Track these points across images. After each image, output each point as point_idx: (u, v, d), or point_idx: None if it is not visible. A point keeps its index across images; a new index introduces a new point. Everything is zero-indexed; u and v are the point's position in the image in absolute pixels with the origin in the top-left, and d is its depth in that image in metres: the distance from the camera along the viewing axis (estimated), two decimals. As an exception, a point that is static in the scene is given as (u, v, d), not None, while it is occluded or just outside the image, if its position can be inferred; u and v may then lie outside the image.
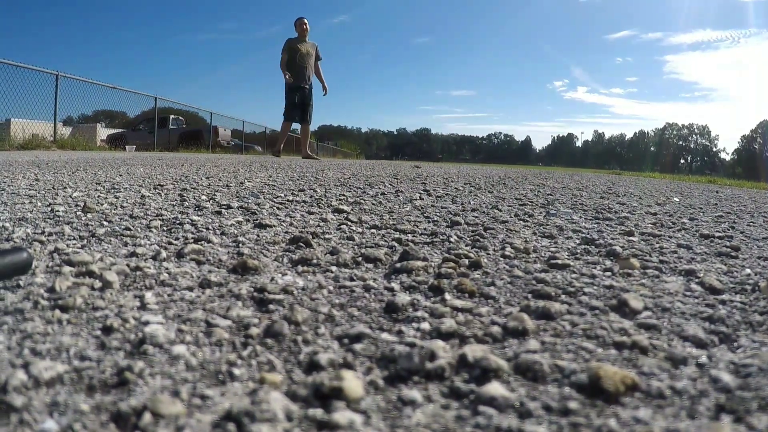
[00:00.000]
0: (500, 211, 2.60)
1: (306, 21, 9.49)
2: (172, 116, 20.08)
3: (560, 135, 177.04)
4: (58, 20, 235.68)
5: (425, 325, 0.89)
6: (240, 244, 1.50)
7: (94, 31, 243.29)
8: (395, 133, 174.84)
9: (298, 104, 9.59)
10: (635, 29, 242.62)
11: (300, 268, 1.26)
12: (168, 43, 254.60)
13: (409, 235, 1.77)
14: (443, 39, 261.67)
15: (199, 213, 2.06)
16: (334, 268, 1.27)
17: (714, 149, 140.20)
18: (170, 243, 1.48)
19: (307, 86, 9.56)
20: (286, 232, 1.72)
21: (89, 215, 1.88)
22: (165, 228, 1.71)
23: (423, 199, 3.03)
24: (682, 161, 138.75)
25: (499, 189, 4.12)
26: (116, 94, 14.31)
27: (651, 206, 3.31)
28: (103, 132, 17.86)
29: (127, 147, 13.63)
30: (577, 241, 1.76)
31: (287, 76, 9.44)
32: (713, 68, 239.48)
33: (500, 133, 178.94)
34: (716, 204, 3.89)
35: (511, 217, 2.36)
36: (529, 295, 1.09)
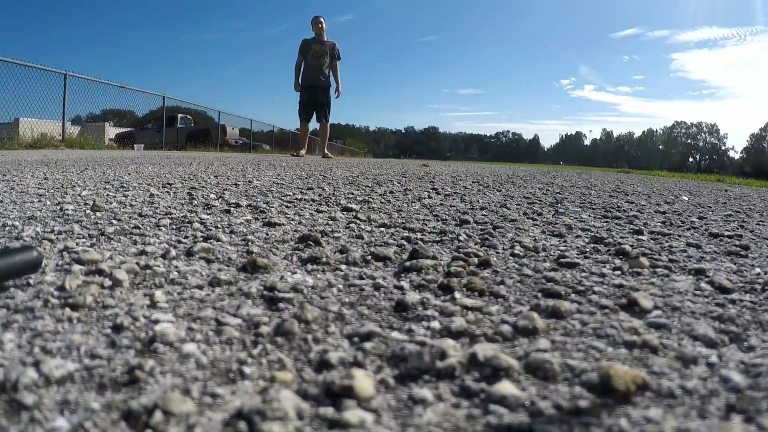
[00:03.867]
0: (509, 209, 2.59)
1: (323, 20, 9.44)
2: (180, 115, 20.13)
3: (568, 133, 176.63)
4: (66, 20, 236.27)
5: (435, 324, 0.89)
6: (249, 243, 1.50)
7: (101, 31, 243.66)
8: (403, 131, 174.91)
9: (308, 104, 9.59)
10: (641, 27, 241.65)
11: (309, 267, 1.26)
12: (176, 41, 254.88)
13: (418, 233, 1.77)
14: (450, 37, 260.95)
15: (208, 211, 2.06)
16: (343, 267, 1.27)
17: (723, 148, 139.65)
18: (179, 241, 1.48)
19: (321, 85, 9.53)
20: (295, 231, 1.72)
21: (98, 214, 1.89)
22: (174, 226, 1.71)
23: (431, 197, 3.03)
24: (691, 160, 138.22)
25: (508, 187, 4.12)
26: (124, 93, 14.37)
27: (660, 205, 3.30)
28: (111, 131, 17.93)
29: (135, 146, 13.66)
30: (587, 240, 1.76)
31: (295, 81, 9.48)
32: (720, 66, 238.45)
33: (508, 131, 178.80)
34: (725, 203, 3.88)
35: (519, 215, 2.36)
36: (539, 294, 1.09)
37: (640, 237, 1.87)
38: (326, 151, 9.91)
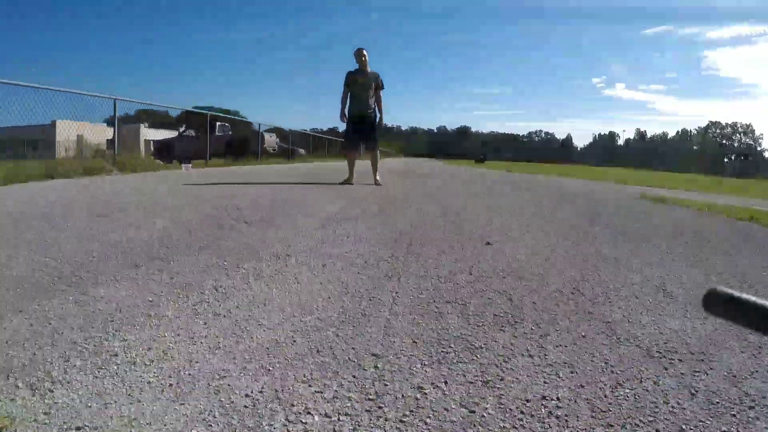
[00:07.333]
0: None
1: (365, 52, 9.45)
2: (218, 123, 20.16)
3: (601, 133, 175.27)
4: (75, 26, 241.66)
5: None
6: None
7: (110, 35, 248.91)
8: (435, 131, 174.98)
9: (355, 135, 9.65)
10: (672, 24, 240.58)
11: None
12: (189, 44, 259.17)
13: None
14: (481, 36, 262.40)
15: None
16: None
17: (758, 148, 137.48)
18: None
19: (368, 117, 9.56)
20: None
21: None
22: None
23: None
24: (726, 161, 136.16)
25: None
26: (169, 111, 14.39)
27: None
28: (146, 132, 17.97)
29: (183, 166, 12.75)
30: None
31: (341, 113, 9.56)
32: (753, 64, 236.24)
33: (541, 130, 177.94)
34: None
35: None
36: None
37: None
38: (377, 177, 9.91)
